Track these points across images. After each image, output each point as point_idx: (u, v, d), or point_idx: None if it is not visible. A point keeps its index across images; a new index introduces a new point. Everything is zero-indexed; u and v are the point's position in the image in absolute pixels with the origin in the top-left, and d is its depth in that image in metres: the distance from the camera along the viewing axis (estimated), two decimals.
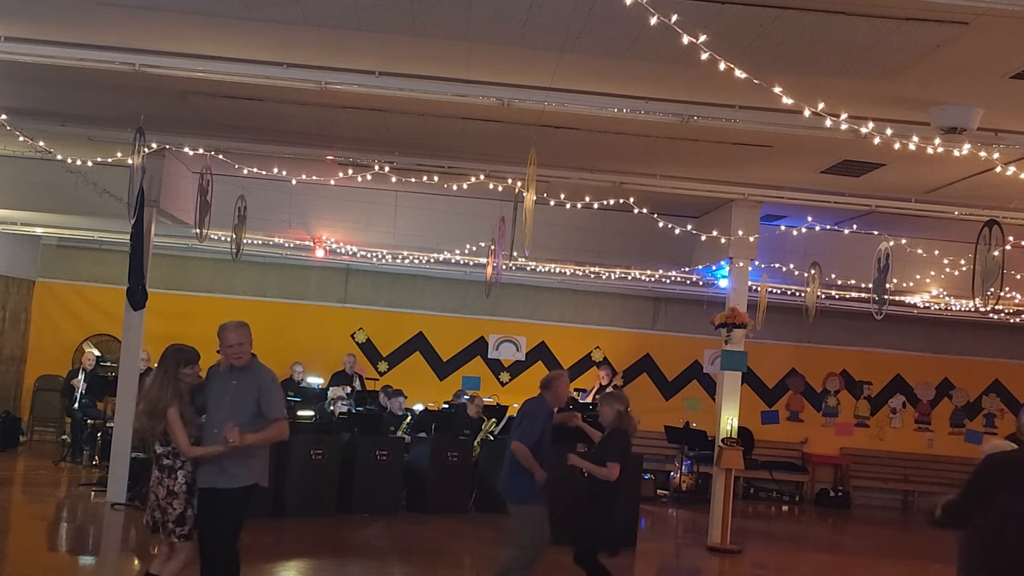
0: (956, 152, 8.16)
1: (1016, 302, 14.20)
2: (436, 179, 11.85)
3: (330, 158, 11.65)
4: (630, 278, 16.14)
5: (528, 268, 15.48)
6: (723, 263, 13.10)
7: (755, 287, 14.48)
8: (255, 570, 8.70)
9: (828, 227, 13.62)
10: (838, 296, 15.57)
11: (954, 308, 15.85)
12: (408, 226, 14.46)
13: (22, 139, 10.86)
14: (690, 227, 12.69)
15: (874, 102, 7.98)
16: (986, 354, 19.18)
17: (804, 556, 13.60)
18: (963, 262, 12.48)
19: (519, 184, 11.05)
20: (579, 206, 12.47)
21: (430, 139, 10.78)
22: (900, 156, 8.80)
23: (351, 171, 12.04)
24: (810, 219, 13.26)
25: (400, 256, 15.82)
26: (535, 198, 9.21)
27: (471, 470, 13.80)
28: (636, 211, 12.21)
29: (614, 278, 16.31)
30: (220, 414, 6.62)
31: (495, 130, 10.08)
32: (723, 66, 6.43)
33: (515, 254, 13.04)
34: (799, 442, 19.07)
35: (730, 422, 12.35)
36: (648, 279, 15.91)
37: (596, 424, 8.79)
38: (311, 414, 13.19)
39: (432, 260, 15.76)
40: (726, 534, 12.23)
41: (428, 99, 8.67)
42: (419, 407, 15.12)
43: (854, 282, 14.26)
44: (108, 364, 15.85)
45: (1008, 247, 8.96)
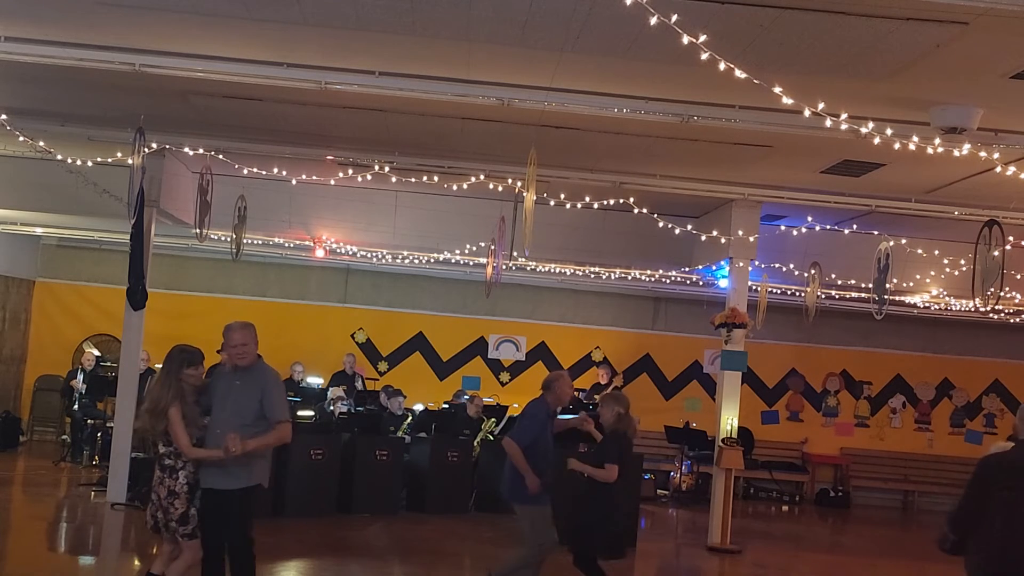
0: (956, 152, 8.16)
1: (1016, 302, 14.19)
2: (436, 179, 11.85)
3: (330, 158, 11.65)
4: (630, 278, 16.13)
5: (528, 268, 15.47)
6: (723, 263, 13.10)
7: (755, 287, 14.48)
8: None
9: (828, 227, 13.62)
10: (838, 296, 15.56)
11: (954, 308, 15.85)
12: (408, 226, 14.46)
13: (22, 139, 10.85)
14: (690, 227, 12.69)
15: (874, 102, 7.98)
16: (986, 354, 19.17)
17: (804, 556, 13.60)
18: (963, 262, 12.48)
19: (519, 184, 11.05)
20: (579, 206, 12.46)
21: (430, 139, 10.78)
22: (900, 156, 8.80)
23: (351, 171, 12.04)
24: (810, 219, 13.25)
25: (400, 256, 15.81)
26: (535, 198, 9.20)
27: (471, 470, 13.80)
28: (636, 211, 12.21)
29: (614, 278, 16.31)
30: (223, 415, 6.61)
31: (495, 130, 10.07)
32: (723, 66, 6.42)
33: (515, 254, 13.03)
34: (799, 442, 19.07)
35: (730, 422, 12.36)
36: (648, 279, 15.90)
37: (597, 425, 8.79)
38: (311, 414, 13.20)
39: (432, 260, 15.75)
40: (726, 534, 12.23)
41: (428, 99, 8.67)
42: (419, 407, 15.13)
43: (854, 282, 14.25)
44: (108, 364, 15.86)
45: (1008, 247, 8.96)
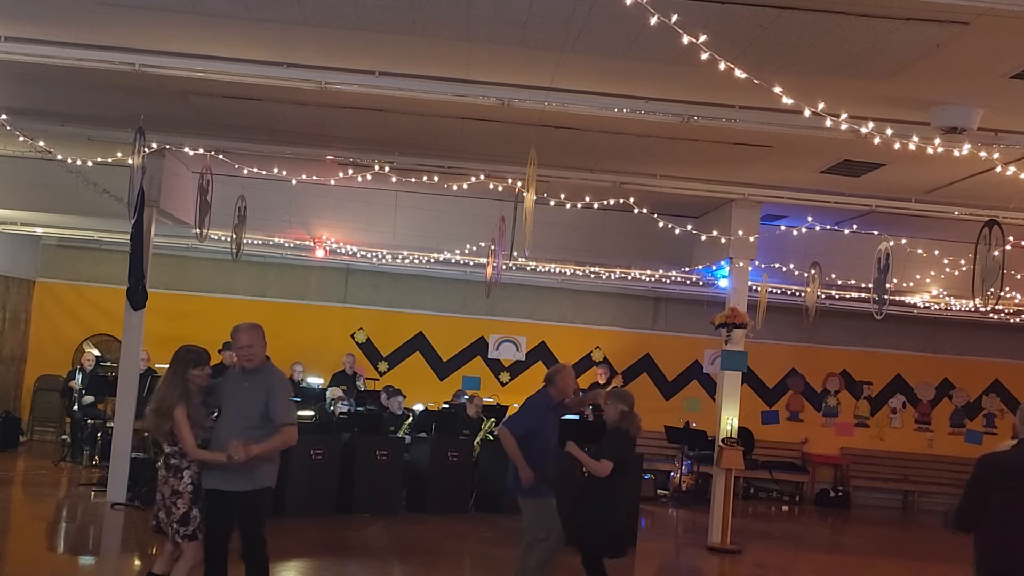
0: (956, 152, 8.15)
1: (1016, 302, 14.19)
2: (436, 179, 11.85)
3: (330, 158, 11.65)
4: (630, 278, 16.13)
5: (528, 268, 15.47)
6: (723, 263, 13.10)
7: (755, 287, 14.47)
8: None
9: (828, 227, 13.61)
10: (838, 296, 15.56)
11: (954, 308, 15.84)
12: (408, 226, 14.46)
13: (22, 139, 10.85)
14: (690, 227, 12.69)
15: (874, 102, 7.98)
16: (986, 354, 19.17)
17: (804, 556, 13.60)
18: (963, 262, 12.48)
19: (519, 184, 11.05)
20: (579, 206, 12.47)
21: (430, 139, 10.78)
22: (900, 156, 8.80)
23: (351, 171, 12.04)
24: (810, 219, 13.25)
25: (400, 256, 15.81)
26: (535, 198, 9.21)
27: (471, 470, 13.81)
28: (636, 211, 12.21)
29: (614, 278, 16.30)
30: (230, 417, 6.60)
31: (495, 130, 10.07)
32: (723, 66, 6.42)
33: (515, 254, 13.03)
34: (799, 442, 19.07)
35: (730, 422, 12.35)
36: (648, 279, 15.90)
37: (600, 424, 8.78)
38: (311, 414, 13.20)
39: (432, 260, 15.75)
40: (726, 534, 12.23)
41: (428, 99, 8.67)
42: (419, 407, 15.12)
43: (854, 282, 14.25)
44: (108, 364, 15.85)
45: (1008, 247, 8.96)
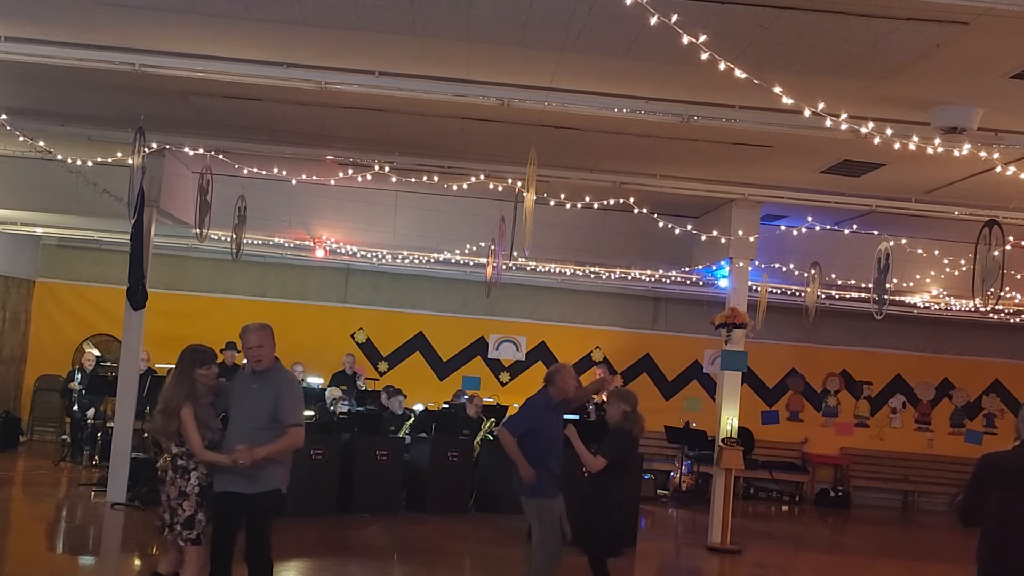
0: (956, 152, 8.15)
1: (1016, 302, 14.19)
2: (436, 179, 11.85)
3: (330, 158, 11.65)
4: (630, 278, 16.13)
5: (528, 268, 15.47)
6: (723, 263, 13.10)
7: (755, 287, 14.47)
8: None
9: (828, 227, 13.62)
10: (838, 296, 15.56)
11: (954, 308, 15.84)
12: (408, 226, 14.46)
13: (22, 139, 10.85)
14: (690, 227, 12.69)
15: (874, 102, 7.98)
16: (986, 354, 19.17)
17: (804, 556, 13.60)
18: (963, 262, 12.48)
19: (519, 184, 11.05)
20: (579, 206, 12.47)
21: (430, 139, 10.78)
22: (900, 156, 8.79)
23: (351, 171, 12.04)
24: (810, 219, 13.25)
25: (400, 256, 15.81)
26: (535, 198, 9.20)
27: (471, 470, 13.82)
28: (636, 211, 12.21)
29: (614, 278, 16.31)
30: (240, 418, 6.57)
31: (495, 130, 10.07)
32: (723, 66, 6.42)
33: (515, 254, 13.03)
34: (799, 442, 19.07)
35: (730, 422, 12.35)
36: (648, 279, 15.90)
37: (602, 423, 8.76)
38: (311, 414, 13.18)
39: (432, 260, 15.75)
40: (726, 534, 12.23)
41: (428, 99, 8.67)
42: (419, 407, 15.12)
43: (854, 282, 14.25)
44: (108, 364, 15.85)
45: (1008, 247, 8.96)
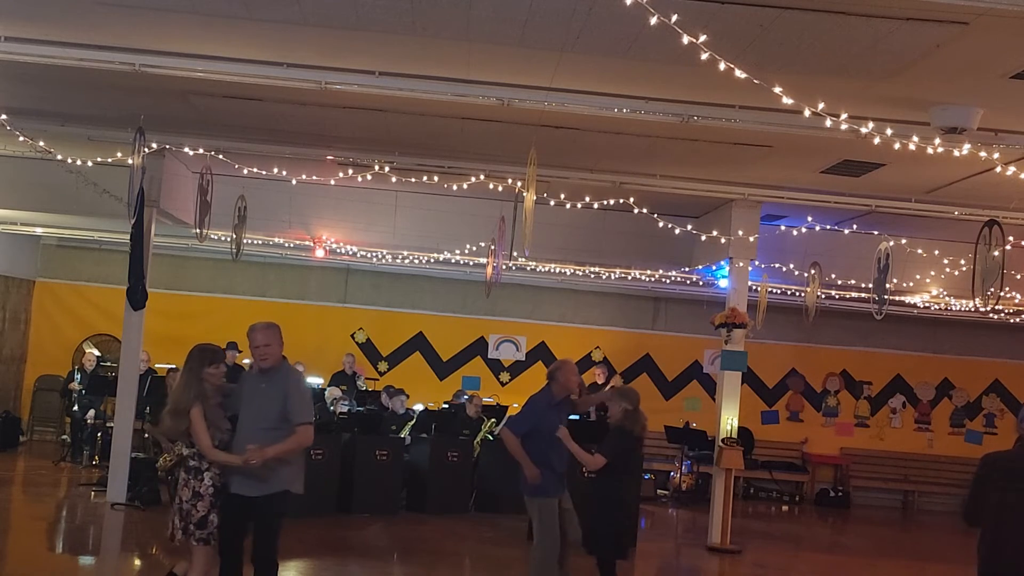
0: (956, 152, 8.15)
1: (1016, 302, 14.19)
2: (436, 179, 11.85)
3: (330, 158, 11.65)
4: (630, 278, 16.13)
5: (528, 268, 15.47)
6: (723, 263, 13.10)
7: (755, 287, 14.47)
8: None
9: (828, 227, 13.61)
10: (838, 296, 15.56)
11: (954, 308, 15.84)
12: (408, 226, 14.46)
13: (22, 139, 10.85)
14: (690, 227, 12.69)
15: (874, 102, 7.98)
16: (986, 354, 19.17)
17: (804, 556, 13.60)
18: (963, 262, 12.48)
19: (519, 184, 11.05)
20: (579, 206, 12.47)
21: (430, 139, 10.78)
22: (900, 156, 8.79)
23: (351, 171, 12.04)
24: (810, 219, 13.25)
25: (400, 256, 15.81)
26: (535, 198, 9.20)
27: (471, 470, 13.81)
28: (636, 211, 12.21)
29: (614, 278, 16.30)
30: (249, 418, 6.53)
31: (495, 130, 10.07)
32: (723, 66, 6.42)
33: (515, 254, 13.03)
34: (799, 442, 19.07)
35: (730, 422, 12.35)
36: (648, 279, 15.90)
37: (602, 422, 8.75)
38: None
39: (432, 260, 15.75)
40: (726, 534, 12.23)
41: (428, 99, 8.67)
42: (419, 407, 15.12)
43: (854, 282, 14.25)
44: (108, 364, 15.85)
45: (1008, 247, 8.96)
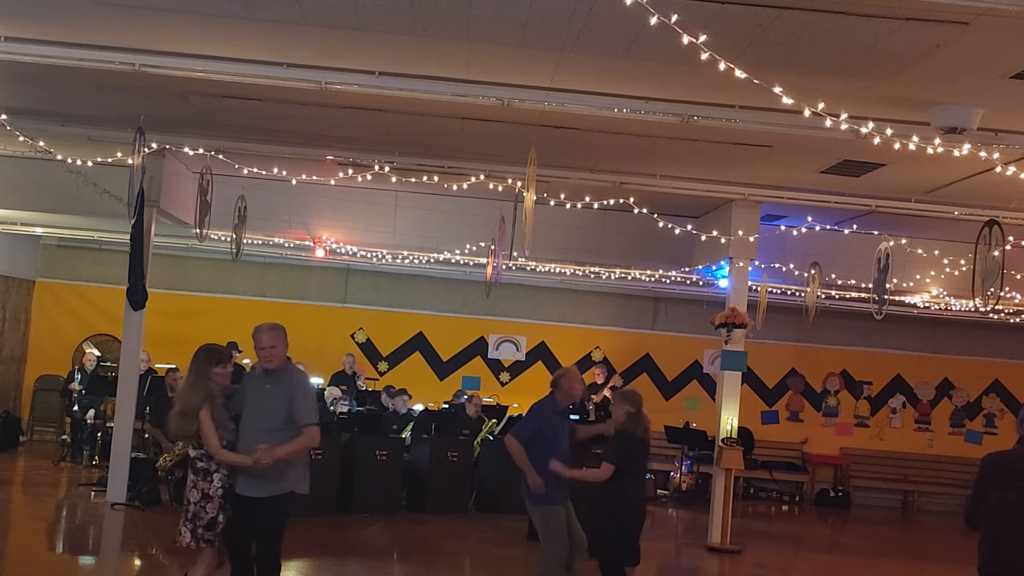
0: (956, 152, 8.15)
1: (1016, 302, 14.19)
2: (436, 179, 11.85)
3: (330, 158, 11.65)
4: (630, 278, 16.13)
5: (528, 268, 15.47)
6: (723, 263, 13.10)
7: (755, 287, 14.47)
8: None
9: (828, 227, 13.62)
10: (838, 296, 15.56)
11: (954, 308, 15.84)
12: (408, 226, 14.46)
13: (22, 139, 10.85)
14: (690, 227, 12.69)
15: (874, 102, 7.98)
16: (986, 354, 19.16)
17: (804, 556, 13.60)
18: (963, 262, 12.48)
19: (519, 184, 11.05)
20: (579, 206, 12.47)
21: (430, 139, 10.78)
22: (900, 156, 8.79)
23: (351, 171, 12.04)
24: (810, 219, 13.25)
25: (400, 256, 15.81)
26: (535, 198, 9.20)
27: (471, 470, 13.81)
28: (636, 211, 12.21)
29: (614, 278, 16.30)
30: (252, 419, 6.53)
31: (495, 130, 10.07)
32: (723, 66, 6.42)
33: (515, 254, 13.03)
34: (799, 442, 19.07)
35: (730, 422, 12.35)
36: (648, 279, 15.90)
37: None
38: None
39: (432, 260, 15.75)
40: (726, 534, 12.23)
41: (428, 99, 8.67)
42: (419, 407, 15.13)
43: (854, 282, 14.25)
44: (108, 364, 15.85)
45: (1008, 247, 8.96)
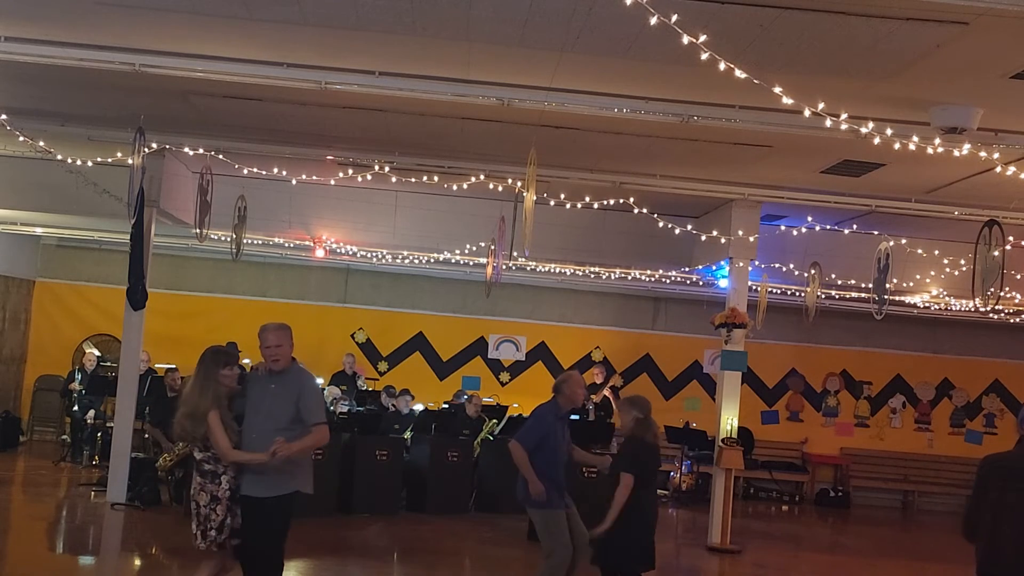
0: (956, 152, 8.16)
1: (1016, 302, 14.19)
2: (436, 179, 11.85)
3: (330, 158, 11.65)
4: (630, 278, 16.13)
5: (528, 268, 15.47)
6: (723, 263, 13.10)
7: (755, 287, 14.47)
8: None
9: (828, 227, 13.62)
10: (838, 296, 15.56)
11: (954, 308, 15.84)
12: (408, 226, 14.46)
13: (22, 139, 10.85)
14: (690, 227, 12.69)
15: (874, 102, 7.98)
16: (986, 354, 19.17)
17: (804, 556, 13.60)
18: (963, 262, 12.48)
19: (519, 184, 11.05)
20: (579, 206, 12.47)
21: (430, 139, 10.78)
22: (900, 156, 8.79)
23: (351, 171, 12.04)
24: (810, 219, 13.25)
25: (400, 256, 15.81)
26: (535, 198, 9.20)
27: (471, 470, 13.81)
28: (636, 211, 12.21)
29: (614, 278, 16.30)
30: (258, 419, 6.48)
31: (495, 130, 10.07)
32: (723, 66, 6.42)
33: (515, 254, 13.03)
34: (799, 442, 19.07)
35: (730, 422, 12.35)
36: (648, 279, 15.90)
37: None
38: None
39: (432, 260, 15.75)
40: (726, 534, 12.23)
41: (428, 99, 8.67)
42: (419, 407, 15.13)
43: (854, 282, 14.25)
44: (108, 364, 15.85)
45: (1008, 247, 8.97)
